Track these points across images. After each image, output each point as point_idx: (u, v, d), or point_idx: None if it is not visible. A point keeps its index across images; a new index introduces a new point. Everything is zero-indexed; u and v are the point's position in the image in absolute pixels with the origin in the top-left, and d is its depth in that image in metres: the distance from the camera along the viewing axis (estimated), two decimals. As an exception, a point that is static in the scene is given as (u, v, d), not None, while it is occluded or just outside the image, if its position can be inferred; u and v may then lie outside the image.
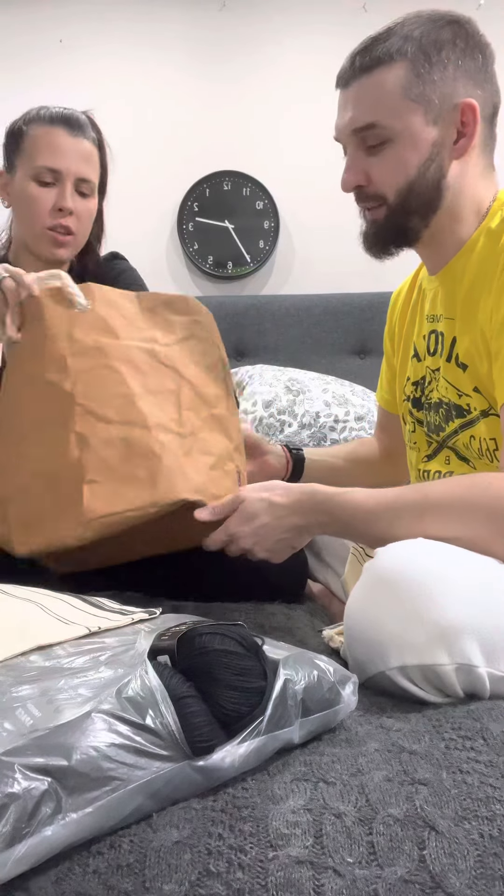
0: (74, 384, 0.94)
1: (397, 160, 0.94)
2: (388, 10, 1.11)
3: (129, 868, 0.47)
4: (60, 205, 1.29)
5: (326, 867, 0.47)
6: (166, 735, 0.52)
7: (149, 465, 0.90)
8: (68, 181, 1.30)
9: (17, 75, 3.15)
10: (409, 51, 0.92)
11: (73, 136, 1.31)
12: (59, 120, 1.31)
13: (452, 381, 1.02)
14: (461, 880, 0.46)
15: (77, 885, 0.45)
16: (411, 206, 0.97)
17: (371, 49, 0.94)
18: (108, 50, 3.15)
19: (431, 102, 0.92)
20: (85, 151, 1.32)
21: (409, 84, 0.92)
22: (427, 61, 0.92)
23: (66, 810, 0.45)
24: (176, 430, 0.96)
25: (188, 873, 0.46)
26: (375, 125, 0.94)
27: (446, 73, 0.92)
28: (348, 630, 0.78)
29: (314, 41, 3.18)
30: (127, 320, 1.01)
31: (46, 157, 1.29)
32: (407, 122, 0.92)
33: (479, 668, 0.70)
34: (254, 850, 0.48)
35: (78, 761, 0.47)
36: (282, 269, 3.31)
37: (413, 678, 0.71)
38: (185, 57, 3.22)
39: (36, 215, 1.30)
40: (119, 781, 0.48)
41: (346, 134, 0.98)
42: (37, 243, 1.33)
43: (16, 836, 0.43)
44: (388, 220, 0.99)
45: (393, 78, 0.92)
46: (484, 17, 1.13)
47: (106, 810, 0.47)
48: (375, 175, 0.97)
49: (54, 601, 0.77)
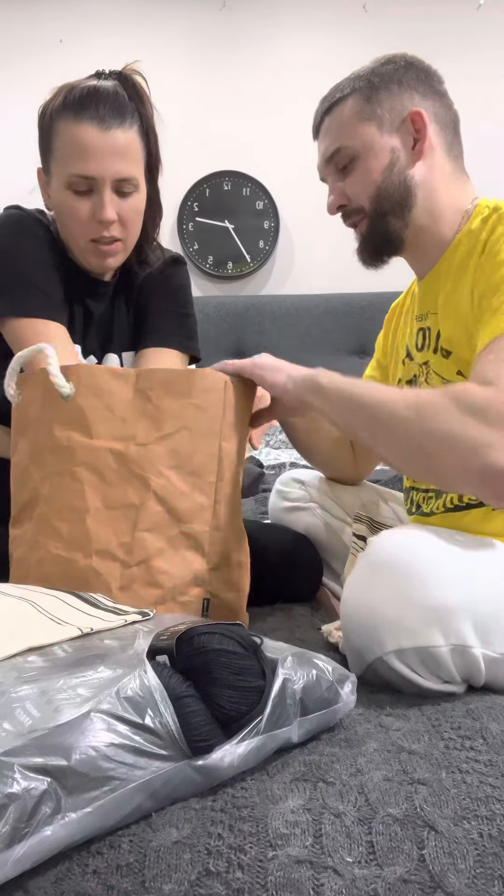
0: (43, 484, 0.93)
1: (364, 171, 1.06)
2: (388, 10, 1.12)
3: (128, 868, 0.47)
4: (100, 217, 1.14)
5: (326, 867, 0.47)
6: (165, 735, 0.52)
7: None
8: (105, 187, 1.14)
9: (18, 75, 3.15)
10: (357, 86, 1.07)
11: (103, 130, 1.12)
12: (87, 110, 1.12)
13: (438, 370, 1.07)
14: (460, 880, 0.46)
15: (77, 885, 0.45)
16: (385, 207, 1.06)
17: (328, 97, 1.11)
18: (108, 50, 3.15)
19: (383, 118, 1.05)
20: (120, 145, 1.13)
21: (361, 108, 1.06)
22: (373, 88, 1.06)
23: (66, 810, 0.45)
24: (121, 557, 0.90)
25: (188, 873, 0.46)
26: (340, 148, 1.07)
27: (391, 91, 1.05)
28: (345, 618, 0.79)
29: (314, 41, 3.18)
30: (109, 412, 0.92)
31: (77, 164, 1.12)
32: (364, 138, 1.06)
33: (474, 649, 0.72)
34: (253, 849, 0.48)
35: (77, 761, 0.47)
36: (282, 269, 3.31)
37: (410, 662, 0.72)
38: (185, 57, 3.22)
39: (76, 229, 1.17)
40: (118, 781, 0.48)
41: (322, 167, 1.13)
42: (82, 256, 1.20)
43: (15, 837, 0.43)
44: (371, 227, 1.08)
45: (347, 108, 1.07)
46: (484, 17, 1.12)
47: (105, 810, 0.47)
48: (350, 191, 1.08)
49: (49, 599, 0.77)
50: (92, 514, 0.90)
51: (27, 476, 0.96)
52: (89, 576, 0.88)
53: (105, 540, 0.89)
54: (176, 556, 0.91)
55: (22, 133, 3.11)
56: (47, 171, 1.20)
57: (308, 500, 1.36)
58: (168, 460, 0.92)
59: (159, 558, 0.90)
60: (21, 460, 0.97)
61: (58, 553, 0.90)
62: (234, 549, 0.95)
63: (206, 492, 0.93)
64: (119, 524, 0.90)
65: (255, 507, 1.89)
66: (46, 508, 0.92)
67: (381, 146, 1.05)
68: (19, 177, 1.43)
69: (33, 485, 0.94)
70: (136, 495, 0.91)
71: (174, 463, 0.92)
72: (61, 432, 0.92)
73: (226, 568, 0.94)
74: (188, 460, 0.93)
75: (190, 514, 0.92)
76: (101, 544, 0.89)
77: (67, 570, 0.89)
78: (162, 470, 0.92)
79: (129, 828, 0.50)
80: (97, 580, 0.88)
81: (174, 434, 0.93)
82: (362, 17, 3.05)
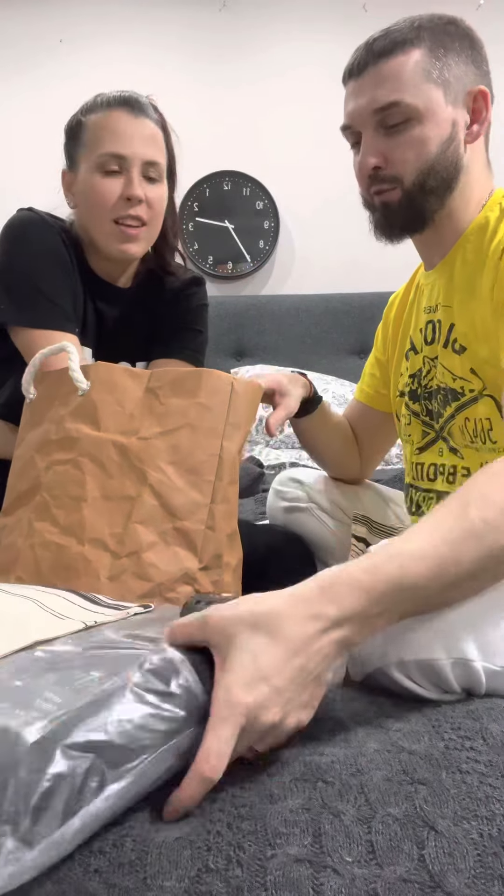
0: (46, 472, 0.94)
1: (419, 138, 0.96)
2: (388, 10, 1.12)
3: (130, 866, 0.47)
4: (129, 193, 1.18)
5: (325, 866, 0.47)
6: (191, 698, 0.54)
7: (67, 581, 0.88)
8: (134, 167, 1.18)
9: (18, 75, 3.15)
10: (424, 37, 0.96)
11: (135, 116, 1.20)
12: (118, 102, 1.20)
13: (448, 366, 1.04)
14: (460, 880, 0.46)
15: (78, 884, 0.45)
16: (430, 184, 0.98)
17: (387, 36, 0.97)
18: (108, 50, 3.15)
19: (449, 84, 0.96)
20: (149, 132, 1.21)
21: (429, 66, 0.95)
22: (442, 47, 0.95)
23: (109, 782, 0.47)
24: (112, 547, 0.91)
25: (188, 869, 0.46)
26: (399, 103, 0.95)
27: (460, 58, 0.96)
28: None
29: (314, 41, 3.18)
30: (120, 406, 0.95)
31: (109, 143, 1.18)
32: (428, 100, 0.95)
33: (475, 663, 0.72)
34: (252, 847, 0.48)
35: (115, 734, 0.48)
36: (282, 269, 3.31)
37: (411, 674, 0.72)
38: (185, 57, 3.22)
39: (102, 208, 1.19)
40: (153, 748, 0.50)
41: (364, 116, 0.99)
42: (106, 241, 1.22)
43: (68, 813, 0.45)
44: (407, 201, 1.00)
45: (413, 61, 0.95)
46: (484, 17, 1.13)
47: (142, 777, 0.50)
48: (395, 155, 0.98)
49: (51, 597, 0.77)
50: (89, 503, 0.91)
51: (30, 465, 0.97)
52: (80, 563, 0.89)
53: (98, 529, 0.90)
54: (167, 550, 0.91)
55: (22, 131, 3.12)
56: (74, 166, 1.24)
57: (307, 501, 1.36)
58: (168, 455, 0.93)
59: (150, 551, 0.90)
60: (25, 452, 0.99)
61: (51, 539, 0.91)
62: (226, 551, 0.95)
63: (203, 490, 0.93)
64: (114, 515, 0.91)
65: (255, 507, 1.89)
66: (47, 495, 0.93)
67: (444, 115, 0.96)
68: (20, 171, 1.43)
69: (35, 473, 0.96)
70: (133, 487, 0.92)
71: (173, 458, 0.93)
72: (72, 424, 0.94)
73: (216, 569, 0.94)
74: (188, 457, 0.93)
75: (184, 511, 0.92)
76: (94, 533, 0.90)
77: (59, 557, 0.90)
78: (161, 464, 0.92)
79: (132, 826, 0.50)
80: (87, 567, 0.89)
81: (176, 430, 0.93)
82: (362, 17, 3.05)
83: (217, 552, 0.94)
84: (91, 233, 1.23)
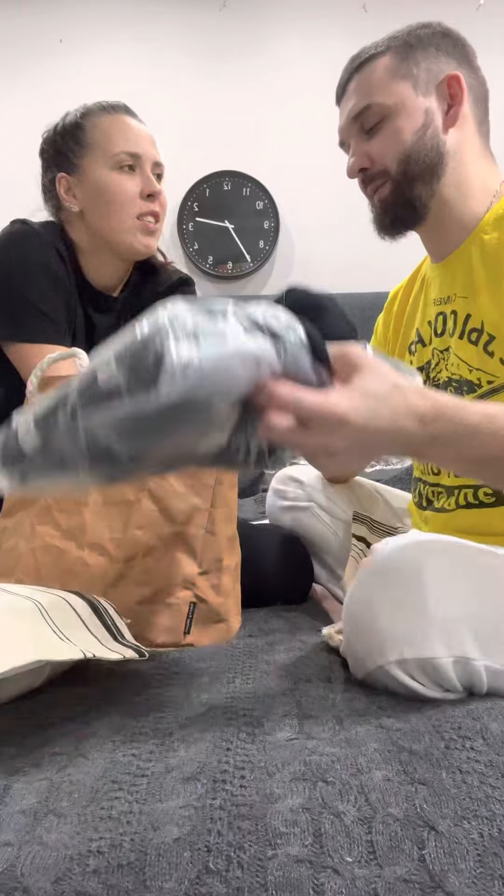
0: None
1: (394, 131, 1.01)
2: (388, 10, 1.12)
3: (129, 867, 0.46)
4: (150, 189, 1.21)
5: (326, 866, 0.47)
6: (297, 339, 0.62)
7: (66, 585, 0.87)
8: (147, 165, 1.23)
9: (18, 75, 3.15)
10: (392, 45, 1.02)
11: (137, 121, 1.25)
12: (120, 108, 1.25)
13: (464, 357, 1.03)
14: (461, 880, 0.46)
15: (77, 885, 0.45)
16: (413, 171, 1.01)
17: (359, 55, 1.05)
18: (108, 50, 3.15)
19: (419, 78, 1.01)
20: (150, 135, 1.26)
21: (397, 66, 1.01)
22: (409, 48, 1.01)
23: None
24: (111, 552, 0.90)
25: (188, 871, 0.46)
26: (371, 105, 1.01)
27: (428, 53, 1.01)
28: (347, 626, 0.79)
29: (314, 41, 3.18)
30: None
31: (123, 143, 1.21)
32: (397, 96, 1.00)
33: (476, 661, 0.72)
34: (252, 847, 0.48)
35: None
36: (282, 269, 3.31)
37: (411, 672, 0.72)
38: (185, 57, 3.22)
39: (124, 205, 1.21)
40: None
41: (347, 128, 1.05)
42: (126, 238, 1.23)
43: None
44: (395, 192, 1.03)
45: (381, 66, 1.01)
46: (484, 18, 1.13)
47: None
48: (376, 152, 1.02)
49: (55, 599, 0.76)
50: (90, 507, 0.91)
51: None
52: (79, 567, 0.90)
53: (98, 533, 0.91)
54: (166, 556, 0.91)
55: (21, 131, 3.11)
56: (75, 170, 1.24)
57: (306, 500, 1.35)
58: None
59: (149, 557, 0.91)
60: None
61: (52, 542, 0.91)
62: (226, 554, 0.95)
63: (202, 494, 0.93)
64: (114, 520, 0.91)
65: (255, 507, 1.89)
66: (49, 499, 0.93)
67: (415, 106, 1.00)
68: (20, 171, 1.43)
69: None
70: (132, 492, 0.92)
71: None
72: None
73: (216, 573, 0.94)
74: None
75: (184, 516, 0.92)
76: (94, 537, 0.91)
77: (59, 561, 0.90)
78: None
79: (129, 825, 0.50)
80: (86, 572, 0.89)
81: None
82: (362, 17, 3.05)
83: (217, 556, 0.94)
84: (107, 232, 1.23)
